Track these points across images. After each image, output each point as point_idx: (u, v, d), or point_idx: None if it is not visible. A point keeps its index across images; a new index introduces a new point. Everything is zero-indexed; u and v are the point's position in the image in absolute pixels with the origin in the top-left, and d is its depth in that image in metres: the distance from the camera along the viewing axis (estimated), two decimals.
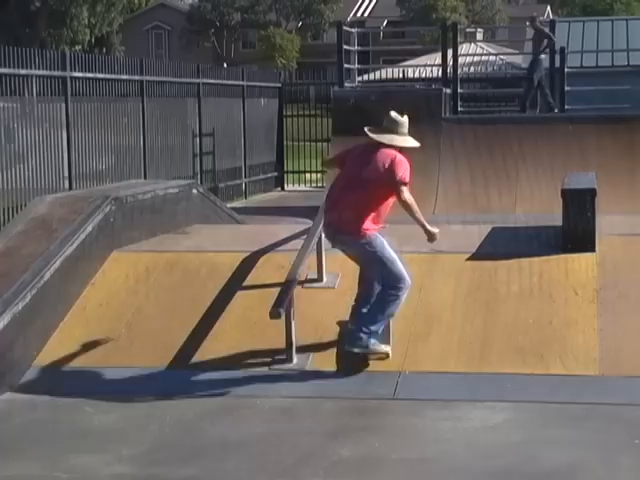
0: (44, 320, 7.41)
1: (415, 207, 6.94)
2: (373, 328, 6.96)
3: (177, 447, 5.82)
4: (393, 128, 7.14)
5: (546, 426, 6.06)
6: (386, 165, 6.95)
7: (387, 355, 7.02)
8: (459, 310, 7.52)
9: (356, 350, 6.98)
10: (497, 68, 32.60)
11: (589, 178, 9.16)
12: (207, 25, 67.66)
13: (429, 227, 7.11)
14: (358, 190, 6.95)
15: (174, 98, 17.38)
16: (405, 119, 7.21)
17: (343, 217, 7.00)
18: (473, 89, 24.06)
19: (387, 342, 7.07)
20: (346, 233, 7.03)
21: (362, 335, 6.93)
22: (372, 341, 6.96)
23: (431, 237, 7.16)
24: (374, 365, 6.96)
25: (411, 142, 7.17)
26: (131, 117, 15.82)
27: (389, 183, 6.90)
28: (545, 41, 18.27)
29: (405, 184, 6.90)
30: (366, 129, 7.15)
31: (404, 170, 6.95)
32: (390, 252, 7.09)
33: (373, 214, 7.03)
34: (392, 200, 7.04)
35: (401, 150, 7.10)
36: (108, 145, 15.02)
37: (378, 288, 7.03)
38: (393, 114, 7.19)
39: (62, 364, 7.22)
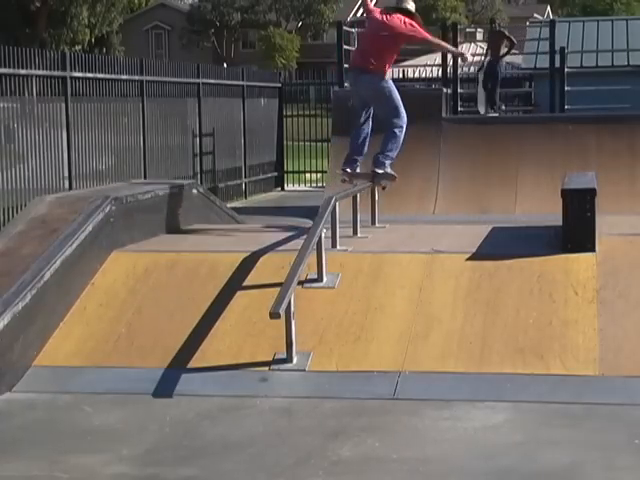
0: (44, 320, 7.41)
1: (435, 40, 10.20)
2: (390, 154, 9.76)
3: (177, 447, 5.82)
4: (404, 4, 9.82)
5: (546, 426, 6.06)
6: (403, 21, 9.60)
7: (395, 178, 9.91)
8: (459, 310, 7.52)
9: (379, 170, 9.79)
10: None
11: (589, 178, 9.16)
12: (207, 25, 67.68)
13: (453, 48, 10.40)
14: (382, 42, 9.53)
15: (174, 98, 17.39)
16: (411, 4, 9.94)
17: (369, 61, 9.50)
18: (473, 89, 24.05)
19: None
20: (369, 72, 9.51)
21: (384, 160, 9.76)
22: (389, 168, 9.81)
23: (460, 55, 10.54)
24: (374, 365, 6.97)
25: (414, 10, 9.87)
26: (131, 117, 15.84)
27: (409, 32, 9.60)
28: (505, 42, 18.37)
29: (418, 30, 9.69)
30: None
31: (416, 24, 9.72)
32: (397, 94, 9.68)
33: (390, 61, 9.65)
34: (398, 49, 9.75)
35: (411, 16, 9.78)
36: (108, 145, 15.03)
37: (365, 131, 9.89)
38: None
39: (62, 364, 7.22)
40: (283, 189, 22.28)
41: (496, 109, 18.31)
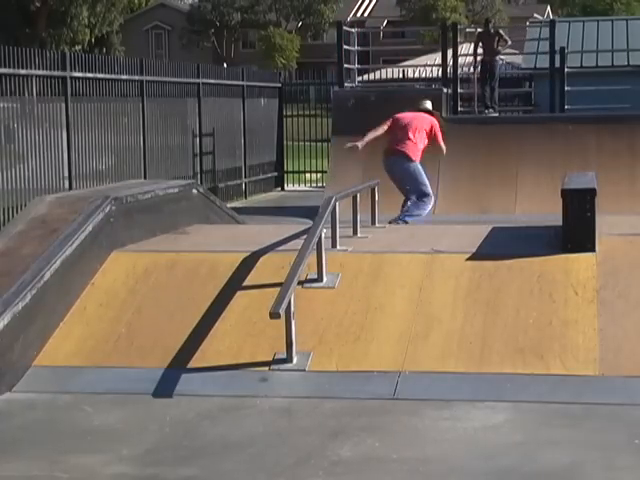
0: (44, 320, 7.41)
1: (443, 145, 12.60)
2: (409, 220, 11.85)
3: (177, 447, 5.82)
4: (425, 105, 12.73)
5: (546, 426, 6.06)
6: (430, 122, 12.32)
7: None
8: (459, 310, 7.52)
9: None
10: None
11: (589, 178, 9.15)
12: (207, 25, 67.69)
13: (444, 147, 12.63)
14: (414, 135, 12.05)
15: (174, 98, 17.40)
16: (427, 101, 12.85)
17: (404, 149, 11.94)
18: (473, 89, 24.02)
19: None
20: (404, 159, 11.93)
21: (405, 220, 11.81)
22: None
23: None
24: (374, 365, 6.97)
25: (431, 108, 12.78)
26: (131, 117, 15.85)
27: (432, 131, 12.25)
28: (497, 40, 18.35)
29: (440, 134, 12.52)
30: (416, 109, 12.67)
31: (439, 127, 12.49)
32: (425, 177, 12.08)
33: (420, 150, 12.05)
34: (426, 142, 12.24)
35: (431, 113, 12.62)
36: (108, 145, 15.04)
37: (414, 198, 12.08)
38: (421, 101, 12.80)
39: (62, 364, 7.22)
40: (283, 189, 22.28)
41: (496, 108, 18.32)
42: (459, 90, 18.43)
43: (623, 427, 6.00)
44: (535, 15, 51.59)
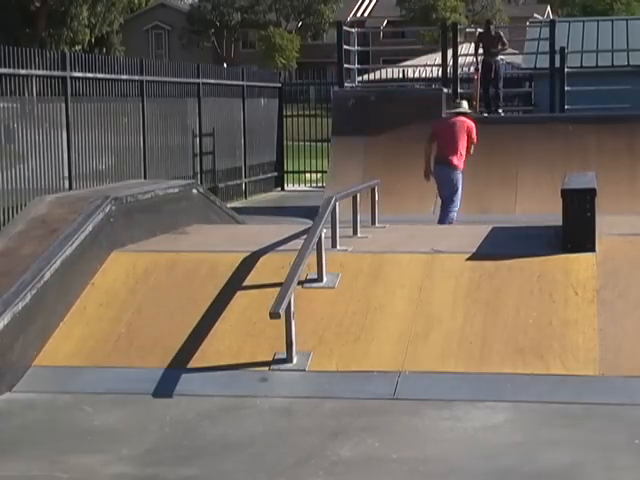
0: (44, 320, 7.41)
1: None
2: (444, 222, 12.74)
3: (177, 447, 5.82)
4: (461, 105, 13.26)
5: (546, 426, 6.06)
6: (467, 125, 12.91)
7: None
8: (459, 310, 7.52)
9: None
10: None
11: (589, 178, 9.16)
12: (207, 25, 67.69)
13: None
14: (456, 141, 12.78)
15: (174, 98, 17.40)
16: (463, 102, 13.49)
17: (450, 158, 12.68)
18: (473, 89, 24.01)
19: None
20: (450, 168, 12.76)
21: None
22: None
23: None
24: (374, 365, 6.97)
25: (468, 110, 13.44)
26: (131, 117, 15.85)
27: (470, 134, 12.88)
28: (497, 42, 18.33)
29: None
30: (449, 111, 13.71)
31: (476, 129, 13.01)
32: (460, 189, 12.86)
33: (464, 155, 12.87)
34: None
35: (467, 115, 13.19)
36: (108, 145, 15.04)
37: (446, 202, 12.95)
38: (457, 100, 13.92)
39: (62, 364, 7.22)
40: (283, 189, 22.28)
41: (500, 108, 18.30)
42: (459, 90, 18.42)
43: (623, 427, 6.00)
44: (535, 15, 51.58)
